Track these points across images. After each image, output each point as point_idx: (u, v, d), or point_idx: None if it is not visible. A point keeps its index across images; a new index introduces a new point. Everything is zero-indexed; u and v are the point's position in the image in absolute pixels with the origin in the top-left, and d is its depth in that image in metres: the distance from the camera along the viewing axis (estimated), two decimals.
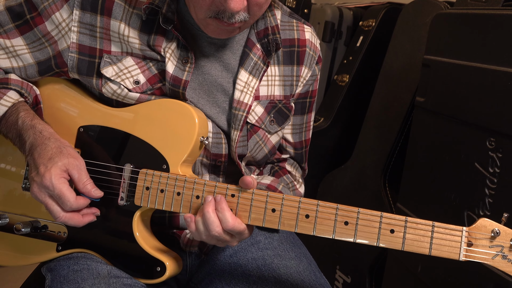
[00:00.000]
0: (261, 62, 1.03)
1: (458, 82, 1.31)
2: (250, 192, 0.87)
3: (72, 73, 1.02)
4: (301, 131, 1.18)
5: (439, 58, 1.38)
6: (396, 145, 1.80)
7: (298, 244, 1.12)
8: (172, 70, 0.97)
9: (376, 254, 1.78)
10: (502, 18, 1.19)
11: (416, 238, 0.80)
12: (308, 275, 1.02)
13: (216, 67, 1.02)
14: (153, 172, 0.93)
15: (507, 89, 1.15)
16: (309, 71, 1.11)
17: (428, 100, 1.43)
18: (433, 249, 0.80)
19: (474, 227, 0.79)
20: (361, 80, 2.14)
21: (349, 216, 0.83)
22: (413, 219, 0.81)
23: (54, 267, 0.99)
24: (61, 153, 0.92)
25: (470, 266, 1.23)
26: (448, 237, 0.79)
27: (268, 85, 1.06)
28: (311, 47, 1.10)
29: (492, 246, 0.78)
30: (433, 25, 1.43)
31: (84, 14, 0.97)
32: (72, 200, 0.90)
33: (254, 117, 1.05)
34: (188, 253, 1.08)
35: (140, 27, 0.98)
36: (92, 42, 0.99)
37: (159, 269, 0.94)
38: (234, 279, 1.02)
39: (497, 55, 1.19)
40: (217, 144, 1.03)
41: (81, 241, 1.00)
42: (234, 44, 1.03)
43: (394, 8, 2.08)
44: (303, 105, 1.15)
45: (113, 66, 0.98)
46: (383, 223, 0.82)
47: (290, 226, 0.85)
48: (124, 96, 0.99)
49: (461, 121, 1.30)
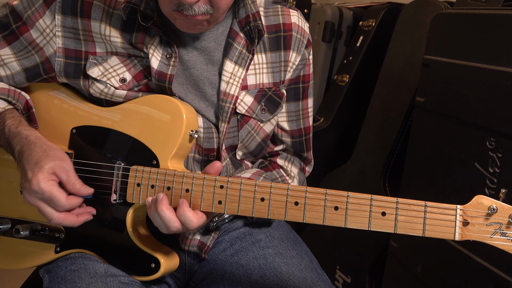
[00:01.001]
0: (246, 51, 1.03)
1: (458, 82, 1.31)
2: (238, 183, 0.87)
3: (60, 78, 1.03)
4: (298, 119, 1.16)
5: (439, 58, 1.38)
6: (396, 145, 1.80)
7: (299, 242, 1.11)
8: (157, 65, 0.98)
9: (376, 254, 1.78)
10: (502, 18, 1.19)
11: (409, 219, 0.77)
12: (310, 273, 1.02)
13: (201, 61, 1.02)
14: (143, 168, 0.94)
15: (507, 89, 1.15)
16: (297, 55, 1.09)
17: (428, 100, 1.43)
18: (426, 230, 0.77)
19: (469, 205, 0.76)
20: (361, 80, 2.14)
21: (339, 201, 0.81)
22: (405, 200, 0.78)
23: (52, 268, 1.00)
24: (47, 156, 0.93)
25: (470, 266, 1.24)
26: (442, 216, 0.76)
27: (256, 74, 1.06)
28: (298, 30, 1.09)
29: (489, 224, 0.75)
30: (433, 25, 1.43)
31: (66, 18, 0.99)
32: (63, 200, 0.91)
33: (243, 107, 1.04)
34: (187, 252, 1.08)
35: (122, 27, 0.99)
36: (77, 45, 1.00)
37: (153, 265, 0.95)
38: (235, 279, 1.02)
39: (497, 55, 1.19)
40: (209, 139, 1.03)
41: (78, 241, 1.01)
42: (218, 35, 1.03)
43: (394, 8, 2.08)
44: (296, 91, 1.14)
45: (98, 66, 1.00)
46: (374, 206, 0.79)
47: (279, 215, 0.84)
48: (112, 95, 1.00)
49: (461, 121, 1.30)
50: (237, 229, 1.11)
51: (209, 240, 1.08)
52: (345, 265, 1.93)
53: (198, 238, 1.07)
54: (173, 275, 1.09)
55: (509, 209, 0.74)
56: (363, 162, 1.94)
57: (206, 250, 1.08)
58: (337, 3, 2.51)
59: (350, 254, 1.91)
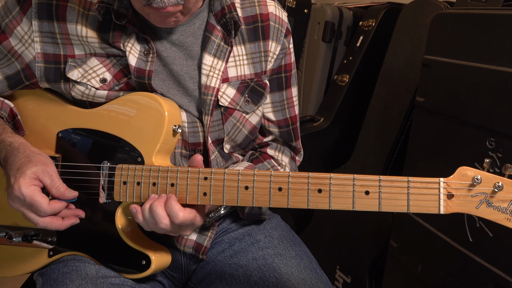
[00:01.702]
0: (224, 43, 1.03)
1: (458, 82, 1.31)
2: (222, 173, 0.87)
3: (42, 83, 1.03)
4: (284, 108, 1.16)
5: (439, 58, 1.38)
6: (396, 145, 1.80)
7: (298, 242, 1.11)
8: (135, 62, 0.98)
9: (376, 254, 1.78)
10: (502, 18, 1.19)
11: (393, 196, 0.76)
12: (309, 274, 1.02)
13: (180, 56, 1.02)
14: (128, 166, 0.94)
15: (507, 89, 1.15)
16: (277, 45, 1.09)
17: (428, 100, 1.43)
18: (411, 205, 0.76)
19: (453, 177, 0.75)
20: (361, 80, 2.14)
21: (322, 183, 0.80)
22: (387, 177, 0.77)
23: (45, 271, 1.00)
24: (30, 162, 0.93)
25: (470, 266, 1.24)
26: (426, 191, 0.75)
27: (237, 65, 1.06)
28: (275, 20, 1.09)
29: (474, 195, 0.73)
30: (433, 25, 1.43)
31: (42, 23, 0.99)
32: (45, 205, 0.90)
33: (226, 100, 1.04)
34: (183, 252, 1.08)
35: (98, 27, 0.99)
36: (56, 49, 1.01)
37: (144, 262, 0.95)
38: (235, 280, 1.02)
39: (497, 55, 1.19)
40: (194, 133, 1.03)
41: (70, 243, 1.01)
42: (195, 30, 1.03)
43: (394, 8, 2.08)
44: (278, 81, 1.14)
45: (78, 68, 1.00)
46: (357, 186, 0.78)
47: (264, 202, 0.84)
48: (93, 96, 1.01)
49: (461, 121, 1.30)
50: (236, 230, 1.11)
51: (206, 241, 1.07)
52: (345, 265, 1.93)
53: (194, 239, 1.07)
54: (169, 274, 1.09)
55: (493, 178, 0.73)
56: (363, 162, 1.94)
57: (204, 251, 1.07)
58: (337, 3, 2.51)
59: (350, 254, 1.91)
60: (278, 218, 1.18)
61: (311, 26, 2.40)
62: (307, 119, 2.24)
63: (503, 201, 0.73)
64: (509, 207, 0.72)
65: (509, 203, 0.72)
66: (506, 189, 0.72)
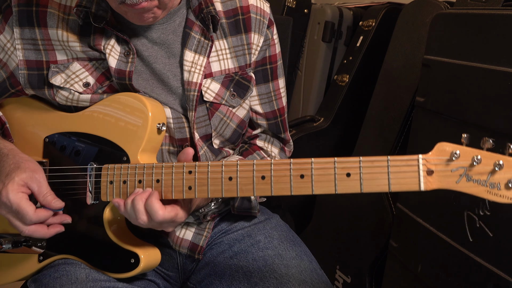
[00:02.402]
0: (204, 38, 1.03)
1: (458, 82, 1.31)
2: (205, 165, 0.87)
3: (27, 89, 1.04)
4: (271, 100, 1.16)
5: (439, 58, 1.38)
6: (396, 145, 1.80)
7: (298, 242, 1.11)
8: (115, 64, 0.98)
9: (376, 254, 1.78)
10: (502, 18, 1.19)
11: (373, 176, 0.76)
12: (310, 275, 1.01)
13: (162, 55, 1.02)
14: (114, 166, 0.94)
15: (507, 89, 1.15)
16: (260, 36, 1.09)
17: (428, 100, 1.43)
18: (391, 184, 0.75)
19: (431, 153, 0.74)
20: (361, 80, 2.14)
21: (304, 168, 0.81)
22: (368, 157, 0.77)
23: (38, 277, 1.01)
24: (18, 168, 0.93)
25: (470, 266, 1.24)
26: (405, 168, 0.75)
27: (220, 60, 1.06)
28: (256, 11, 1.09)
29: (454, 169, 0.73)
30: (433, 25, 1.43)
31: (23, 30, 0.99)
32: (31, 213, 0.91)
33: (210, 95, 1.04)
34: (179, 252, 1.08)
35: (79, 31, 1.00)
36: (38, 56, 1.01)
37: (133, 261, 0.95)
38: (235, 281, 1.02)
39: (497, 55, 1.19)
40: (180, 128, 1.03)
41: (59, 247, 1.01)
42: (175, 27, 1.03)
43: (394, 8, 2.08)
44: (264, 73, 1.13)
45: (61, 74, 1.00)
46: (338, 168, 0.79)
47: (248, 191, 0.84)
48: (77, 100, 1.01)
49: (461, 121, 1.29)
50: (236, 231, 1.11)
51: (202, 241, 1.07)
52: (345, 265, 1.93)
53: (189, 239, 1.06)
54: (165, 274, 1.09)
55: (471, 152, 0.73)
56: None
57: (200, 251, 1.07)
58: (337, 3, 2.51)
59: (350, 254, 1.91)
60: (278, 218, 1.18)
61: (311, 26, 2.40)
62: (307, 119, 2.24)
63: (482, 173, 0.72)
64: (488, 179, 0.72)
65: (488, 175, 0.72)
66: (484, 161, 0.72)
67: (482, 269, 1.19)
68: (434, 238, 1.36)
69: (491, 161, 0.72)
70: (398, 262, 1.55)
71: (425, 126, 1.45)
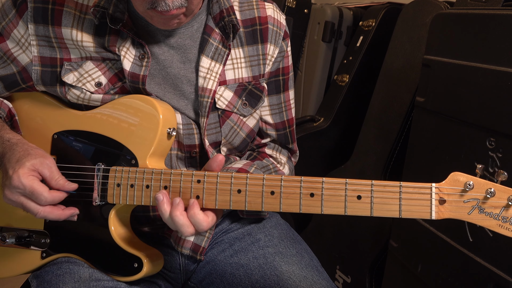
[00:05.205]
0: (222, 46, 1.03)
1: (458, 82, 1.31)
2: (215, 176, 0.87)
3: (38, 86, 1.04)
4: (281, 111, 1.16)
5: (439, 58, 1.38)
6: (396, 145, 1.80)
7: (298, 240, 1.11)
8: (129, 67, 0.98)
9: (376, 254, 1.78)
10: (502, 18, 1.19)
11: (384, 201, 0.76)
12: (310, 271, 1.02)
13: (177, 59, 1.02)
14: (122, 169, 0.94)
15: (507, 89, 1.15)
16: (275, 48, 1.09)
17: (428, 100, 1.43)
18: (403, 210, 0.75)
19: (445, 182, 0.74)
20: (361, 80, 2.14)
21: (314, 187, 0.80)
22: (380, 181, 0.77)
23: (40, 273, 1.00)
24: (29, 154, 0.93)
25: (470, 266, 1.24)
26: (418, 196, 0.75)
27: (234, 68, 1.06)
28: (273, 23, 1.09)
29: (466, 200, 0.73)
30: (433, 25, 1.43)
31: (38, 26, 0.99)
32: (46, 193, 0.90)
33: (223, 102, 1.04)
34: (180, 253, 1.08)
35: (95, 31, 0.99)
36: (52, 53, 1.01)
37: (136, 265, 0.95)
38: (236, 279, 1.02)
39: (497, 55, 1.19)
40: (189, 135, 1.03)
41: (63, 245, 1.01)
42: (193, 32, 1.03)
43: (394, 8, 2.08)
44: (276, 84, 1.14)
45: (74, 72, 1.00)
46: (349, 190, 0.78)
47: (256, 205, 0.84)
48: (88, 100, 1.01)
49: (461, 121, 1.29)
50: (236, 229, 1.11)
51: (204, 241, 1.07)
52: (345, 265, 1.93)
53: (191, 240, 1.06)
54: (166, 275, 1.09)
55: (485, 184, 0.73)
56: (363, 162, 1.94)
57: (202, 252, 1.07)
58: (337, 3, 2.51)
59: (350, 254, 1.91)
60: (278, 217, 1.18)
61: (311, 26, 2.40)
62: (307, 119, 2.24)
63: (495, 207, 0.72)
64: (501, 213, 0.72)
65: (501, 209, 0.72)
66: (498, 195, 0.72)
67: (482, 269, 1.19)
68: (434, 238, 1.36)
69: (505, 195, 0.72)
70: (398, 262, 1.55)
71: (425, 126, 1.46)
